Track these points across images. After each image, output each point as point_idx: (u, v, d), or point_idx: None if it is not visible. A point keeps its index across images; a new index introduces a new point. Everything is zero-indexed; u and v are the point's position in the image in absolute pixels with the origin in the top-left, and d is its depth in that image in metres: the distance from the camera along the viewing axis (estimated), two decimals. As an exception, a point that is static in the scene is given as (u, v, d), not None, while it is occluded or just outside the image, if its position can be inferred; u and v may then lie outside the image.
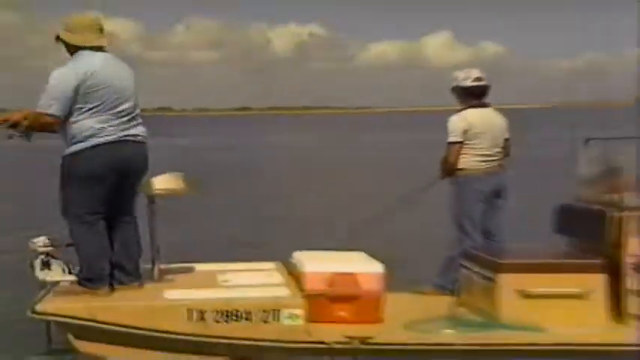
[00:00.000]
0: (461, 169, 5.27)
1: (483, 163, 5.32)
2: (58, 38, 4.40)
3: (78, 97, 4.18)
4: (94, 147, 4.21)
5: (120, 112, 4.27)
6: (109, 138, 4.23)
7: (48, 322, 4.29)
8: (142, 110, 4.55)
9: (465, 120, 5.28)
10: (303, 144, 34.08)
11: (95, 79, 4.19)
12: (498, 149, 5.36)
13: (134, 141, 4.36)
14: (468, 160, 5.28)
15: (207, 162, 21.48)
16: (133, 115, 4.37)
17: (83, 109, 4.20)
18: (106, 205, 4.32)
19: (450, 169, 5.31)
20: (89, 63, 4.24)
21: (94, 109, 4.20)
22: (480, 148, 5.28)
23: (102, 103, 4.21)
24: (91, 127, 4.20)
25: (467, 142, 5.25)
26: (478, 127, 5.26)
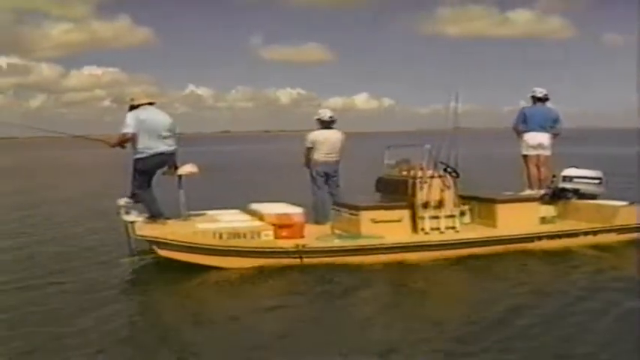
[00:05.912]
0: (312, 160, 9.49)
1: (323, 158, 9.54)
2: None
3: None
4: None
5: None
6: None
7: (129, 238, 7.51)
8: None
9: (314, 135, 9.51)
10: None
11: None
12: (334, 151, 9.55)
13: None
14: (315, 156, 9.49)
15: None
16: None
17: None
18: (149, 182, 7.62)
19: (307, 161, 9.52)
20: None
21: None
22: (321, 150, 9.49)
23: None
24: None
25: (315, 147, 9.50)
26: (321, 139, 9.49)
